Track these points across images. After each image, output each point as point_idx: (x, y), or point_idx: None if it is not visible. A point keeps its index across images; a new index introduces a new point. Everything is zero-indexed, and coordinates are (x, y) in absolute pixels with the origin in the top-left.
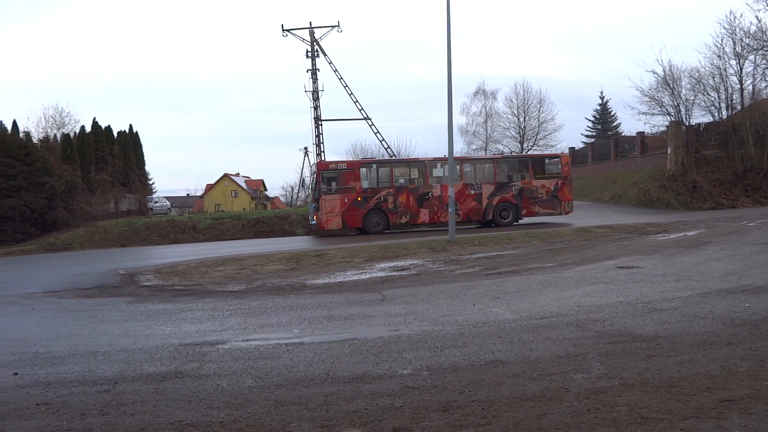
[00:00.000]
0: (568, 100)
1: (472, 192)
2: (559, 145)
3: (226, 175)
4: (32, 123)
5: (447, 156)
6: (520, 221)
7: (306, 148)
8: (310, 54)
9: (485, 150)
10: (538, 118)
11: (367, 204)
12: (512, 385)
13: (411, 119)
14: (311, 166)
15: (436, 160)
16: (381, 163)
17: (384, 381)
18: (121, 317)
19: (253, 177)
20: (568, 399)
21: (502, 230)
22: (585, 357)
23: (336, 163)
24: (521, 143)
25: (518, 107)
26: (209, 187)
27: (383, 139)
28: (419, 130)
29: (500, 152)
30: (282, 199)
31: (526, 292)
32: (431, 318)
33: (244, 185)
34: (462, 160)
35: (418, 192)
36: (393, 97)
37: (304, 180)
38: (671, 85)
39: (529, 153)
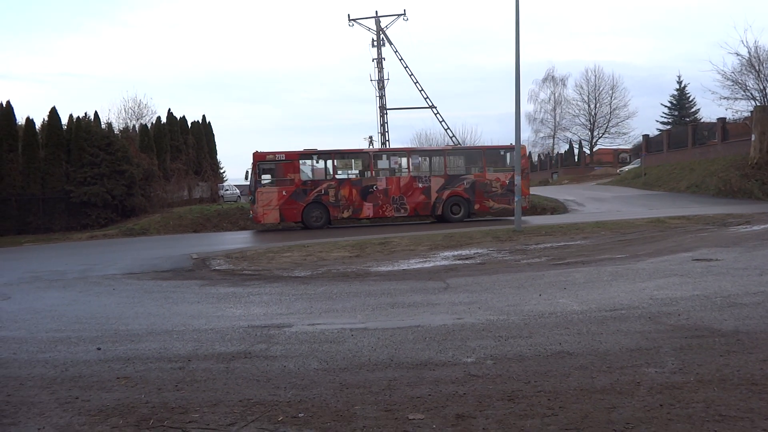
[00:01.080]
0: (642, 86)
1: (420, 185)
2: (632, 133)
3: None
4: (113, 114)
5: (396, 148)
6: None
7: (371, 138)
8: (375, 43)
9: (553, 138)
10: (609, 104)
11: (306, 197)
12: (580, 377)
13: (477, 108)
14: None
15: (381, 152)
16: (322, 154)
17: (447, 368)
18: (194, 299)
19: None
20: (639, 393)
21: (570, 220)
22: (658, 351)
23: (274, 153)
24: (591, 131)
25: (589, 94)
26: None
27: (448, 128)
28: (486, 119)
29: (458, 141)
30: None
31: (595, 284)
32: (496, 307)
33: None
34: (410, 152)
35: (361, 185)
36: (459, 86)
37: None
38: (757, 68)
39: (483, 145)
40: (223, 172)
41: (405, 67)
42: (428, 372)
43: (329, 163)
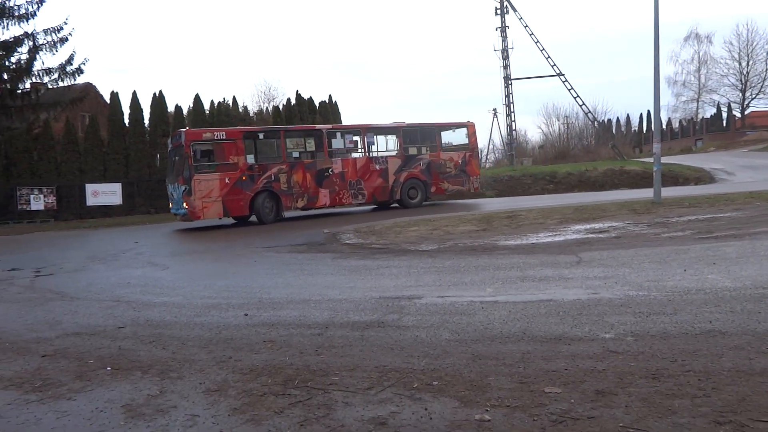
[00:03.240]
0: None
1: (378, 167)
2: None
3: None
4: (248, 98)
5: (349, 125)
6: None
7: (495, 110)
8: (499, 11)
9: (697, 102)
10: (766, 61)
11: (254, 185)
12: (735, 358)
13: (610, 74)
14: (502, 129)
15: (335, 129)
16: (270, 132)
17: (584, 343)
18: (328, 271)
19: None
20: None
21: (717, 190)
22: None
23: (212, 131)
24: (743, 91)
25: (740, 50)
26: None
27: (577, 96)
28: (619, 85)
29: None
30: None
31: (750, 259)
32: (634, 282)
33: None
34: (365, 129)
35: (315, 168)
36: (589, 52)
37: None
38: None
39: (435, 122)
40: None
41: (530, 35)
42: (563, 346)
43: (278, 142)
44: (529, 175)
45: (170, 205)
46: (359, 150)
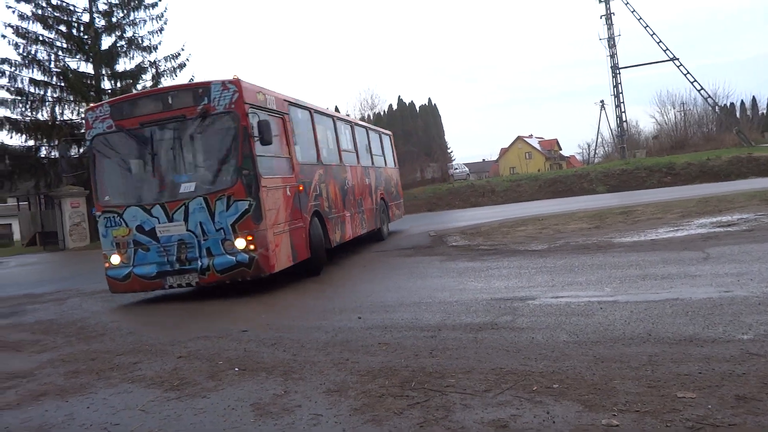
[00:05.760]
0: None
1: (367, 181)
2: None
3: (519, 138)
4: (351, 107)
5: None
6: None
7: (602, 102)
8: None
9: None
10: None
11: (307, 202)
12: None
13: (729, 53)
14: (611, 121)
15: (355, 123)
16: (313, 110)
17: (718, 345)
18: (436, 273)
19: (546, 137)
20: None
21: None
22: None
23: (264, 93)
24: None
25: None
26: (503, 151)
27: (695, 80)
28: (741, 65)
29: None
30: (578, 157)
31: None
32: None
33: (537, 146)
34: (353, 125)
35: (341, 177)
36: (701, 31)
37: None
38: None
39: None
40: (451, 152)
41: (638, 19)
42: (695, 348)
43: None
44: (643, 168)
45: (164, 254)
46: (349, 150)
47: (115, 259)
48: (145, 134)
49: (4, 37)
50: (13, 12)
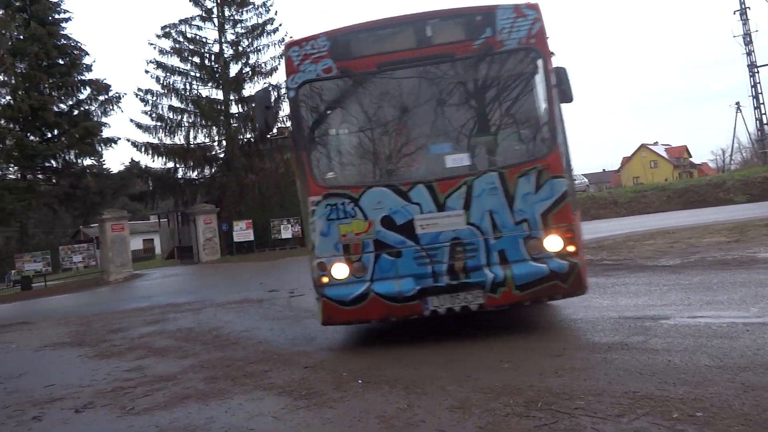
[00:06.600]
0: None
1: None
2: None
3: (643, 146)
4: None
5: None
6: None
7: (738, 104)
8: None
9: None
10: None
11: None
12: None
13: None
14: (749, 124)
15: None
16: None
17: None
18: None
19: (674, 144)
20: None
21: None
22: None
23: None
24: None
25: None
26: (625, 160)
27: None
28: None
29: None
30: (710, 164)
31: None
32: None
33: (664, 154)
34: None
35: None
36: None
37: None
38: None
39: None
40: None
41: None
42: None
43: None
44: None
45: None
46: None
47: (341, 270)
48: (389, 82)
49: (147, 72)
50: (154, 48)
